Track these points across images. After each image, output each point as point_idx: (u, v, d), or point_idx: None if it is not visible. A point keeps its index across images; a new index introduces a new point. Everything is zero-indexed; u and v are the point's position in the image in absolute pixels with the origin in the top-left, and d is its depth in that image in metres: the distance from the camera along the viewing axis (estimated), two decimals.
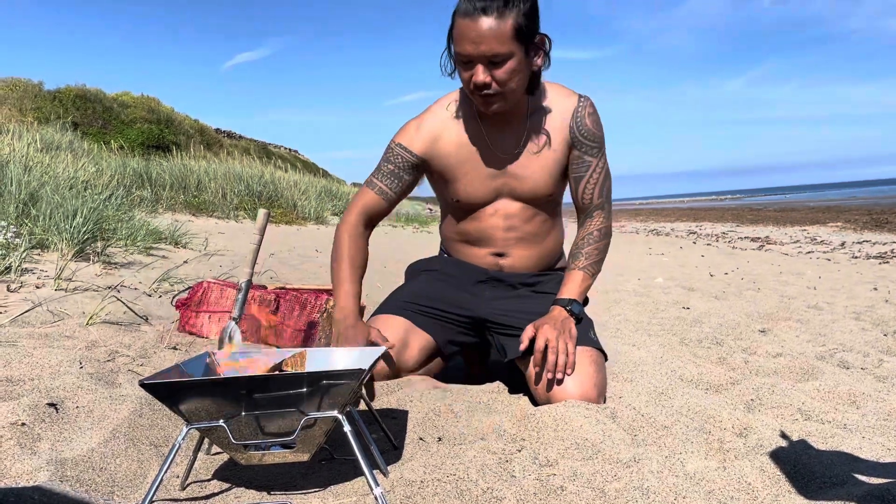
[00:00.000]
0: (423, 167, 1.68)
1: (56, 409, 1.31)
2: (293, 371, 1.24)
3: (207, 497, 1.13)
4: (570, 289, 1.63)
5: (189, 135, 16.73)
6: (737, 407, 1.61)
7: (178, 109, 17.97)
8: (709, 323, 2.89)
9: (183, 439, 1.05)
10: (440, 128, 1.65)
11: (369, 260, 1.71)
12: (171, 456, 1.04)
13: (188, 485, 1.16)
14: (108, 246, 3.57)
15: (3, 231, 3.04)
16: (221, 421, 1.04)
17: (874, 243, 9.58)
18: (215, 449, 1.30)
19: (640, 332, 2.67)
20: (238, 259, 4.33)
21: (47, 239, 3.31)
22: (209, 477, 1.20)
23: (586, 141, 1.64)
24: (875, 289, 4.46)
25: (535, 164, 1.64)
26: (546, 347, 1.50)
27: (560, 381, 1.49)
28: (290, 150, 26.24)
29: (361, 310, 1.83)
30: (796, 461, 1.25)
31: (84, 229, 3.39)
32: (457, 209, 1.74)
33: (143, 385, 1.01)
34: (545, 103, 1.64)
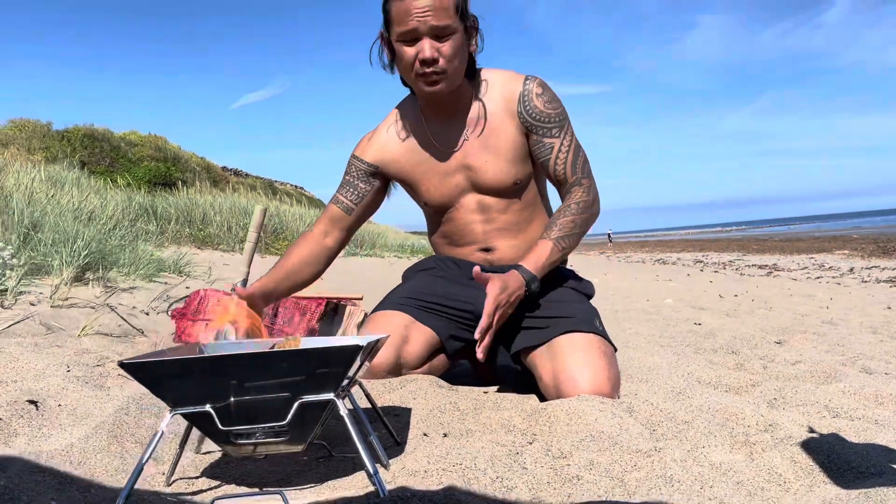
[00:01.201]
0: (379, 174, 1.69)
1: (36, 406, 1.24)
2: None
3: (195, 493, 1.04)
4: (534, 260, 1.52)
5: (196, 172, 16.81)
6: (759, 405, 1.52)
7: (185, 148, 18.12)
8: (722, 336, 2.79)
9: (167, 426, 0.97)
10: (389, 135, 1.68)
11: (372, 283, 1.68)
12: (154, 444, 0.96)
13: (174, 481, 1.08)
14: (108, 271, 3.51)
15: (0, 251, 3.00)
16: (208, 405, 0.96)
17: (883, 269, 9.48)
18: (205, 448, 1.22)
19: (652, 344, 2.58)
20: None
21: (47, 262, 3.26)
22: (198, 474, 1.12)
23: (540, 123, 1.58)
24: (889, 308, 4.36)
25: (487, 153, 1.59)
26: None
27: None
28: (295, 186, 26.36)
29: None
30: (830, 452, 1.15)
31: (84, 253, 3.34)
32: (433, 214, 1.73)
33: (121, 365, 0.94)
34: (488, 89, 1.60)
